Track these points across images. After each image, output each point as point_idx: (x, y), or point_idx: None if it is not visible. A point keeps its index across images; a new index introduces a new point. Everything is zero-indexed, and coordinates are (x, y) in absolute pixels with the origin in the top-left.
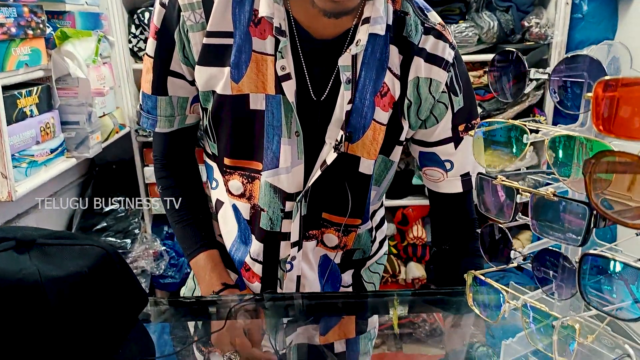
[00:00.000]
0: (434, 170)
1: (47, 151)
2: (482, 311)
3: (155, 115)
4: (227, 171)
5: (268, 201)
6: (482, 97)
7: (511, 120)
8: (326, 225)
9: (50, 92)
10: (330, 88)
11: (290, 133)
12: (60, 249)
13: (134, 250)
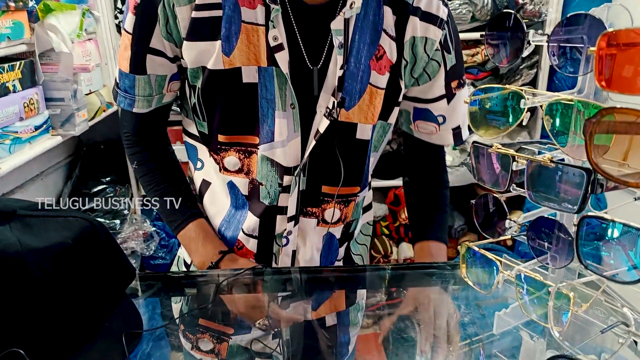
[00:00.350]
0: (427, 124)
1: (31, 128)
2: (475, 283)
3: (133, 95)
4: (222, 148)
5: (265, 175)
6: (475, 76)
7: (507, 86)
8: (327, 200)
9: (33, 67)
10: (326, 55)
11: (284, 106)
12: (42, 221)
13: (124, 231)
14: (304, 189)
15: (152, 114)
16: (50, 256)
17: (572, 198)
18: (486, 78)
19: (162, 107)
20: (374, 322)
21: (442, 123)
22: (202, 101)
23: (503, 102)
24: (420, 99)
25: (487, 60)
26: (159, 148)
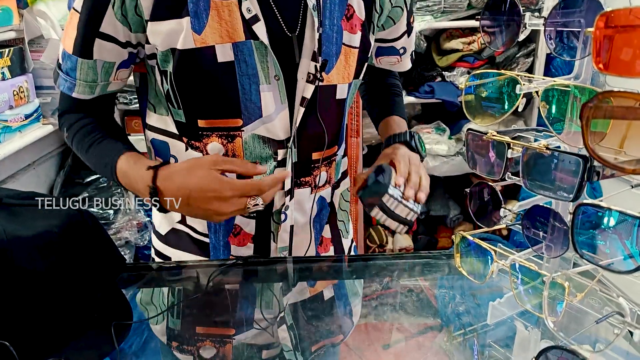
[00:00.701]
0: (390, 58)
1: (21, 116)
2: (469, 272)
3: (74, 79)
4: (204, 134)
5: (259, 153)
6: (471, 65)
7: (503, 71)
8: (316, 166)
9: (23, 54)
10: (301, 20)
11: (269, 78)
12: (28, 209)
13: (117, 221)
14: (296, 161)
15: (93, 102)
16: (36, 245)
17: (567, 186)
18: (482, 66)
19: (106, 96)
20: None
21: (403, 54)
22: (176, 86)
23: (499, 89)
24: (385, 39)
25: (483, 49)
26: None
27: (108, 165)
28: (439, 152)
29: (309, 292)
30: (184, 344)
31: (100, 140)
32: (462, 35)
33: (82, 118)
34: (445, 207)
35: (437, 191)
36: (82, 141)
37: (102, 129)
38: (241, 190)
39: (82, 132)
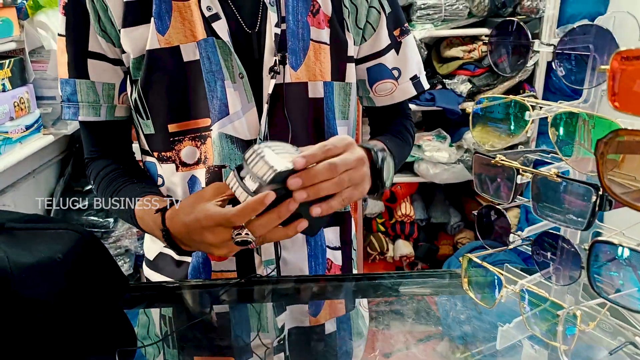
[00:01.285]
0: (385, 83)
1: (22, 128)
2: (477, 295)
3: (76, 102)
4: (176, 140)
5: (227, 155)
6: (472, 73)
7: (512, 96)
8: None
9: (23, 65)
10: (261, 17)
11: (234, 77)
12: (31, 234)
13: (117, 229)
14: None
15: (108, 129)
16: (40, 272)
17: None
18: (483, 74)
19: (118, 123)
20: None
21: (398, 77)
22: (143, 92)
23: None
24: (371, 54)
25: (484, 57)
26: (120, 158)
27: (128, 214)
28: (439, 160)
29: (309, 320)
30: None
31: (120, 189)
32: (463, 43)
33: (105, 167)
34: (446, 215)
35: (438, 198)
36: (105, 192)
37: (123, 175)
38: (215, 219)
39: (104, 182)
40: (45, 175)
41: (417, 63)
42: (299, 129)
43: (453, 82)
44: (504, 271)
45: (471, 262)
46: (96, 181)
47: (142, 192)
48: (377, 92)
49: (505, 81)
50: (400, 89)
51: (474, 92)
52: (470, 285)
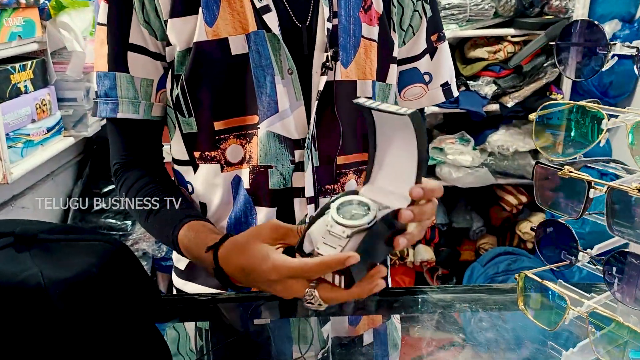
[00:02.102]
0: (415, 87)
1: (43, 130)
2: (535, 316)
3: (115, 98)
4: (221, 138)
5: (274, 154)
6: (497, 74)
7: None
8: (343, 172)
9: (45, 66)
10: (312, 11)
11: (282, 72)
12: (64, 246)
13: (135, 232)
14: (318, 165)
15: (142, 130)
16: (75, 287)
17: None
18: (508, 76)
19: (152, 124)
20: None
21: (429, 82)
22: (188, 88)
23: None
24: (407, 58)
25: (509, 57)
26: (153, 167)
27: (169, 238)
28: (462, 163)
29: (348, 330)
30: None
31: (158, 208)
32: (488, 43)
33: (139, 179)
34: (468, 220)
35: (460, 203)
36: (141, 211)
37: (159, 191)
38: (285, 272)
39: (139, 196)
40: (63, 178)
41: (450, 70)
42: (348, 130)
43: (477, 83)
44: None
45: (528, 281)
46: (129, 194)
47: (182, 219)
48: (405, 97)
49: (531, 83)
50: (429, 95)
51: (499, 94)
52: (526, 305)
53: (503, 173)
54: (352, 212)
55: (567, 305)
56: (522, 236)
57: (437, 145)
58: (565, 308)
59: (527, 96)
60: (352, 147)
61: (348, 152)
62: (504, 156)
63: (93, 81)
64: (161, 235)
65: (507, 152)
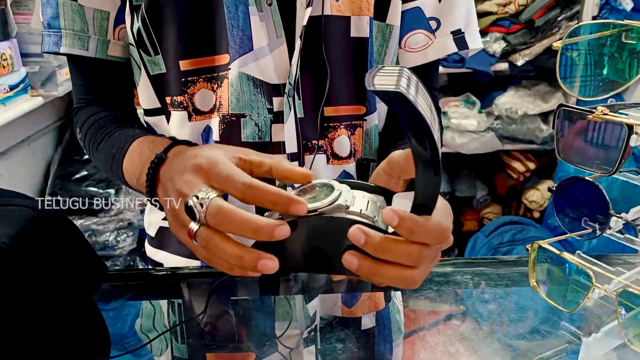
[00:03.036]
0: (418, 34)
1: (5, 87)
2: (549, 294)
3: (58, 29)
4: (189, 81)
5: (248, 101)
6: (507, 29)
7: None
8: (335, 125)
9: (5, 16)
10: None
11: (260, 4)
12: None
13: (119, 201)
14: (303, 117)
15: (102, 72)
16: None
17: None
18: (519, 31)
19: (113, 66)
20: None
21: (435, 29)
22: (149, 20)
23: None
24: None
25: (520, 11)
26: (116, 108)
27: (115, 157)
28: (467, 128)
29: (342, 311)
30: None
31: (112, 133)
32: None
33: (96, 112)
34: (472, 188)
35: (463, 170)
36: (93, 138)
37: (118, 121)
38: (212, 169)
39: (93, 128)
40: (41, 143)
41: (466, 16)
42: (340, 77)
43: (485, 40)
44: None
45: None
46: (82, 130)
47: (139, 133)
48: (406, 47)
49: (544, 39)
50: (437, 44)
51: (509, 51)
52: (538, 281)
53: (510, 138)
54: (315, 192)
55: (591, 282)
56: (529, 205)
57: (440, 108)
58: (589, 286)
59: (538, 54)
60: (343, 98)
61: (339, 102)
62: (512, 120)
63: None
64: (107, 156)
65: (516, 115)
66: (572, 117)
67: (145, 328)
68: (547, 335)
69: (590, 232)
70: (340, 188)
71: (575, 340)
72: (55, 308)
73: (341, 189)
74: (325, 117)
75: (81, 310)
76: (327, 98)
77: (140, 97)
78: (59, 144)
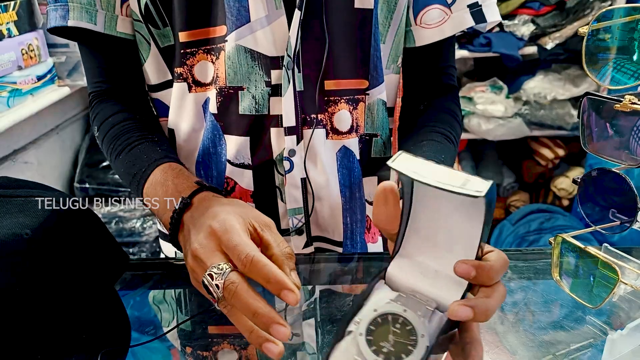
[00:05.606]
0: (434, 9)
1: (32, 78)
2: (573, 288)
3: (65, 2)
4: (188, 52)
5: (246, 73)
6: (536, 11)
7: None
8: (335, 99)
9: (31, 7)
10: None
11: None
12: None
13: None
14: (302, 90)
15: (113, 50)
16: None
17: None
18: (549, 13)
19: (124, 44)
20: None
21: (451, 3)
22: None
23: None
24: None
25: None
26: (132, 100)
27: (136, 176)
28: (494, 114)
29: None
30: (198, 350)
31: (136, 144)
32: None
33: (114, 113)
34: (499, 175)
35: (490, 157)
36: (113, 145)
37: (138, 129)
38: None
39: (112, 133)
40: (69, 132)
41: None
42: (341, 50)
43: (513, 23)
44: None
45: (567, 246)
46: (101, 130)
47: (164, 156)
48: (422, 23)
49: (575, 21)
50: (454, 20)
51: (538, 34)
52: (562, 275)
53: (539, 124)
54: (390, 340)
55: (617, 277)
56: (558, 192)
57: (466, 94)
58: (614, 281)
59: (569, 36)
60: (345, 71)
61: (340, 76)
62: (540, 105)
63: None
64: (128, 172)
65: (545, 100)
66: (599, 107)
67: (157, 300)
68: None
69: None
70: (402, 313)
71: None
72: (76, 297)
73: (403, 314)
74: (326, 90)
75: (102, 298)
76: (327, 71)
77: (149, 75)
78: (87, 133)
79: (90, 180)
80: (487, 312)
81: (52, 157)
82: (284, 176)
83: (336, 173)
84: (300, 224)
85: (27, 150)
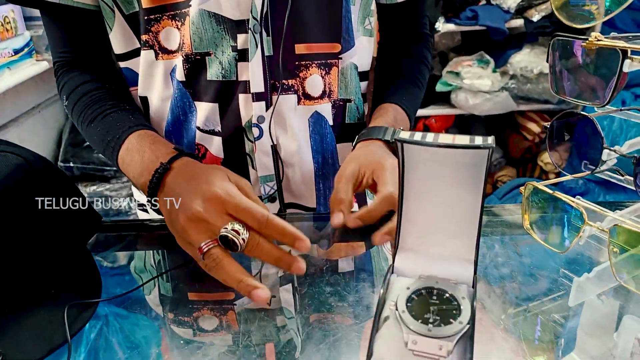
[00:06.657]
0: None
1: (9, 51)
2: (542, 236)
3: None
4: (152, 19)
5: (211, 39)
6: None
7: None
8: (307, 64)
9: None
10: None
11: None
12: None
13: None
14: (271, 55)
15: (77, 20)
16: None
17: None
18: None
19: (86, 14)
20: None
21: None
22: None
23: None
24: None
25: None
26: (100, 69)
27: (110, 143)
28: (481, 88)
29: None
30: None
31: (108, 112)
32: None
33: (83, 83)
34: None
35: (478, 132)
36: (83, 114)
37: (109, 98)
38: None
39: (82, 102)
40: (52, 111)
41: None
42: (310, 13)
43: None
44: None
45: (536, 193)
46: (70, 100)
47: (138, 123)
48: None
49: None
50: None
51: (525, 7)
52: (532, 224)
53: (525, 98)
54: (432, 310)
55: (583, 221)
56: (544, 167)
57: (453, 69)
58: (582, 223)
59: None
60: (316, 35)
61: (311, 39)
62: (527, 79)
63: None
64: (102, 140)
65: (531, 74)
66: (566, 47)
67: (138, 269)
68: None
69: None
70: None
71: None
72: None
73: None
74: (297, 55)
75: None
76: (298, 35)
77: (115, 43)
78: None
79: (74, 160)
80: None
81: (34, 136)
82: (253, 143)
83: (308, 139)
84: (273, 191)
85: (8, 129)
